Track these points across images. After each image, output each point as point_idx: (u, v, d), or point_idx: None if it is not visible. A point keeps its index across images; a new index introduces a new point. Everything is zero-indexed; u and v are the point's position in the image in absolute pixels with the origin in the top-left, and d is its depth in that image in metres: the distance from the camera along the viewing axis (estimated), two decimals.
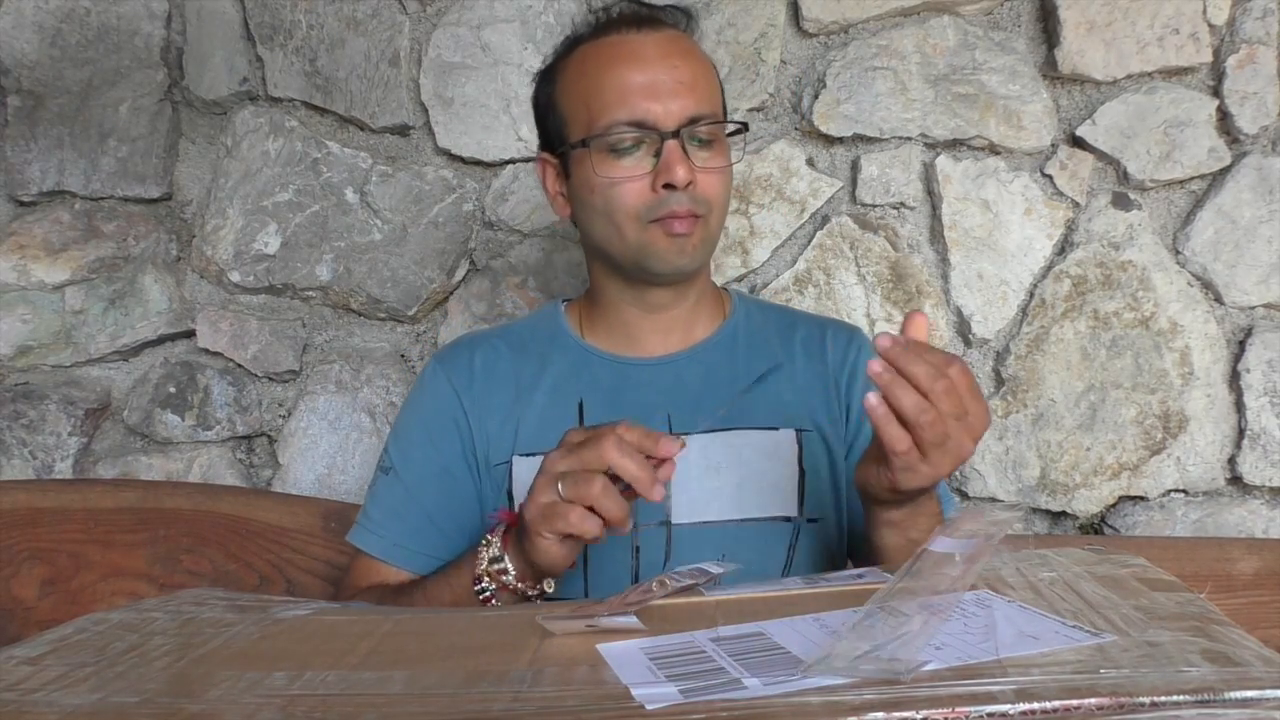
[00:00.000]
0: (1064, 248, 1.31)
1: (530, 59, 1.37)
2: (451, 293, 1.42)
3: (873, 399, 0.69)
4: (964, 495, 1.33)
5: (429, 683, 0.49)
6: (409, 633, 0.60)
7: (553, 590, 0.80)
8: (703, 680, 0.46)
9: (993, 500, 1.32)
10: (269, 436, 1.45)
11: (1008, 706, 0.40)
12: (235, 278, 1.43)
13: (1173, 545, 1.20)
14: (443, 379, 0.98)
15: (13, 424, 1.42)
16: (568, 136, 0.92)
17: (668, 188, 0.86)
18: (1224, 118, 1.28)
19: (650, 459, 0.72)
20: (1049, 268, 1.31)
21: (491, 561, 0.78)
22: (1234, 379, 1.28)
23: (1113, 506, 1.31)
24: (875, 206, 1.34)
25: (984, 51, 1.30)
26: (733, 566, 0.70)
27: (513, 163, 1.39)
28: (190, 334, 1.45)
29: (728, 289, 1.08)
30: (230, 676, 0.51)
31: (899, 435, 0.70)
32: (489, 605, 0.79)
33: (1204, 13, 1.26)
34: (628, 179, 0.88)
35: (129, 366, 1.47)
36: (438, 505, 0.95)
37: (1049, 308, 1.30)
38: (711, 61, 0.95)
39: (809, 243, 1.34)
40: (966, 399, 0.70)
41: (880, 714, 0.40)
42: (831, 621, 0.55)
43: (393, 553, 0.94)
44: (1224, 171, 1.28)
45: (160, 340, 1.46)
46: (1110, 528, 1.31)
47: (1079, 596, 0.56)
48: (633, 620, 0.56)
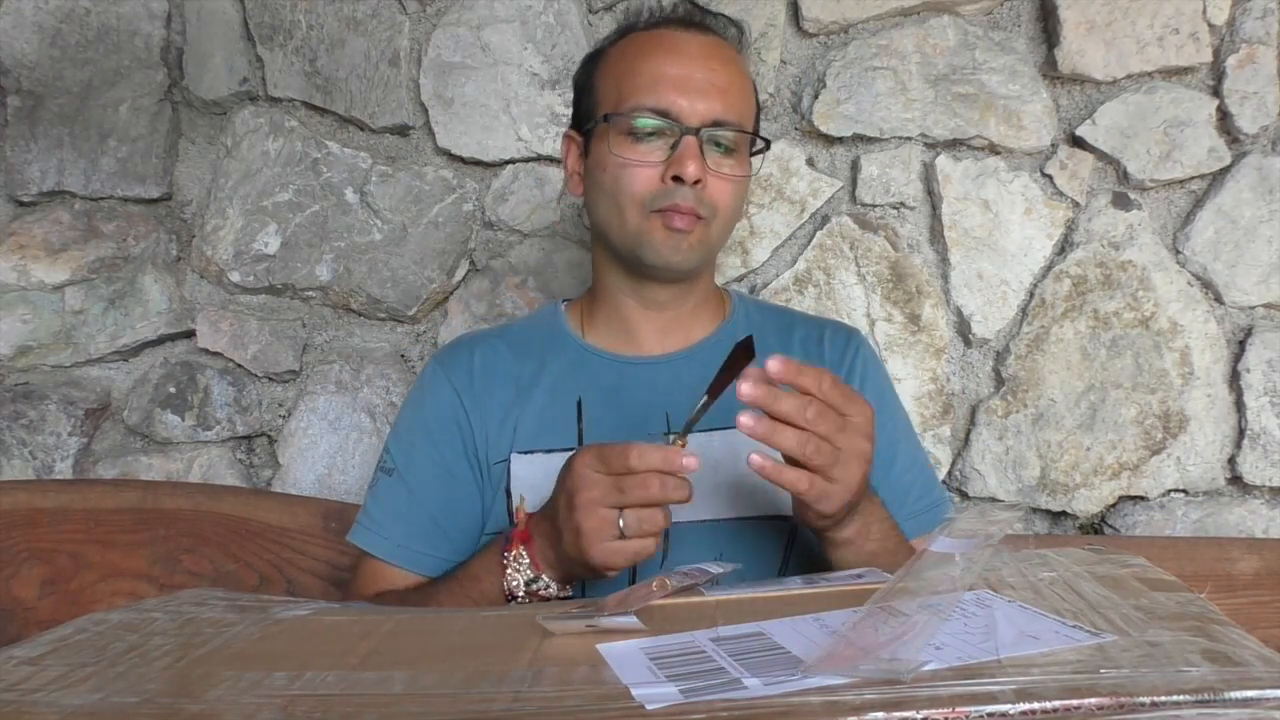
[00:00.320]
0: (1064, 247, 1.31)
1: (530, 59, 1.37)
2: (451, 293, 1.42)
3: (755, 459, 0.70)
4: (964, 495, 1.33)
5: (429, 683, 0.49)
6: (409, 633, 0.60)
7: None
8: (703, 680, 0.46)
9: (993, 500, 1.32)
10: (269, 436, 1.45)
11: (1008, 706, 0.40)
12: (235, 278, 1.43)
13: (1173, 545, 1.20)
14: (443, 379, 0.98)
15: (13, 424, 1.42)
16: (595, 114, 0.94)
17: (676, 180, 0.87)
18: (1224, 117, 1.28)
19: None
20: (1049, 267, 1.31)
21: (530, 583, 0.80)
22: (1234, 379, 1.28)
23: (1113, 506, 1.31)
24: (875, 206, 1.34)
25: (984, 51, 1.30)
26: (732, 566, 0.70)
27: (513, 163, 1.39)
28: (190, 334, 1.45)
29: (728, 290, 1.08)
30: (230, 676, 0.50)
31: (795, 478, 0.71)
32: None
33: (1204, 12, 1.26)
34: (640, 163, 0.89)
35: (129, 367, 1.47)
36: (441, 506, 0.95)
37: (1049, 307, 1.30)
38: (752, 80, 0.97)
39: (809, 243, 1.34)
40: (842, 406, 0.72)
41: (880, 714, 0.40)
42: (831, 621, 0.55)
43: (398, 554, 0.94)
44: (1224, 171, 1.28)
45: (160, 340, 1.46)
46: (1110, 528, 1.31)
47: (1079, 596, 0.56)
48: (633, 620, 0.56)
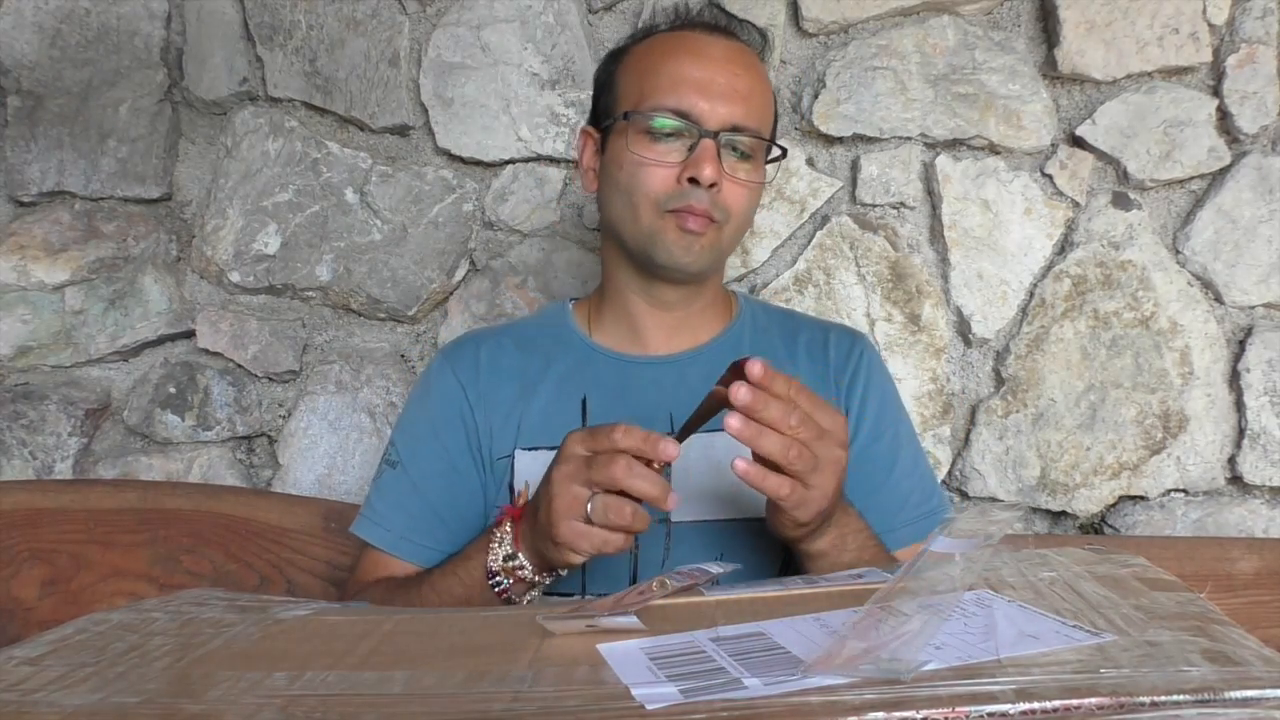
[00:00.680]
0: (1064, 247, 1.31)
1: (530, 59, 1.37)
2: (451, 293, 1.42)
3: (740, 464, 0.71)
4: (964, 495, 1.33)
5: (429, 683, 0.49)
6: (409, 633, 0.60)
7: (566, 574, 0.82)
8: (703, 680, 0.46)
9: (993, 500, 1.32)
10: (269, 437, 1.45)
11: (1008, 706, 0.40)
12: (235, 278, 1.43)
13: (1173, 545, 1.19)
14: (449, 373, 0.99)
15: (13, 424, 1.42)
16: (614, 111, 0.94)
17: (692, 182, 0.88)
18: (1224, 117, 1.28)
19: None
20: (1049, 267, 1.31)
21: (506, 559, 0.80)
22: (1234, 379, 1.28)
23: (1113, 506, 1.31)
24: (875, 206, 1.34)
25: (984, 51, 1.30)
26: (733, 566, 0.70)
27: (513, 163, 1.39)
28: (190, 334, 1.45)
29: (734, 291, 1.09)
30: (230, 677, 0.50)
31: (777, 484, 0.72)
32: (502, 597, 0.82)
33: (1204, 12, 1.26)
34: (657, 163, 0.89)
35: (129, 367, 1.47)
36: (444, 499, 0.96)
37: (1049, 307, 1.30)
38: (773, 89, 0.98)
39: (809, 242, 1.34)
40: (818, 415, 0.72)
41: (880, 714, 0.40)
42: (831, 621, 0.55)
43: (400, 546, 0.96)
44: (1224, 171, 1.28)
45: (160, 340, 1.46)
46: (1110, 527, 1.31)
47: (1079, 596, 0.56)
48: (633, 620, 0.56)
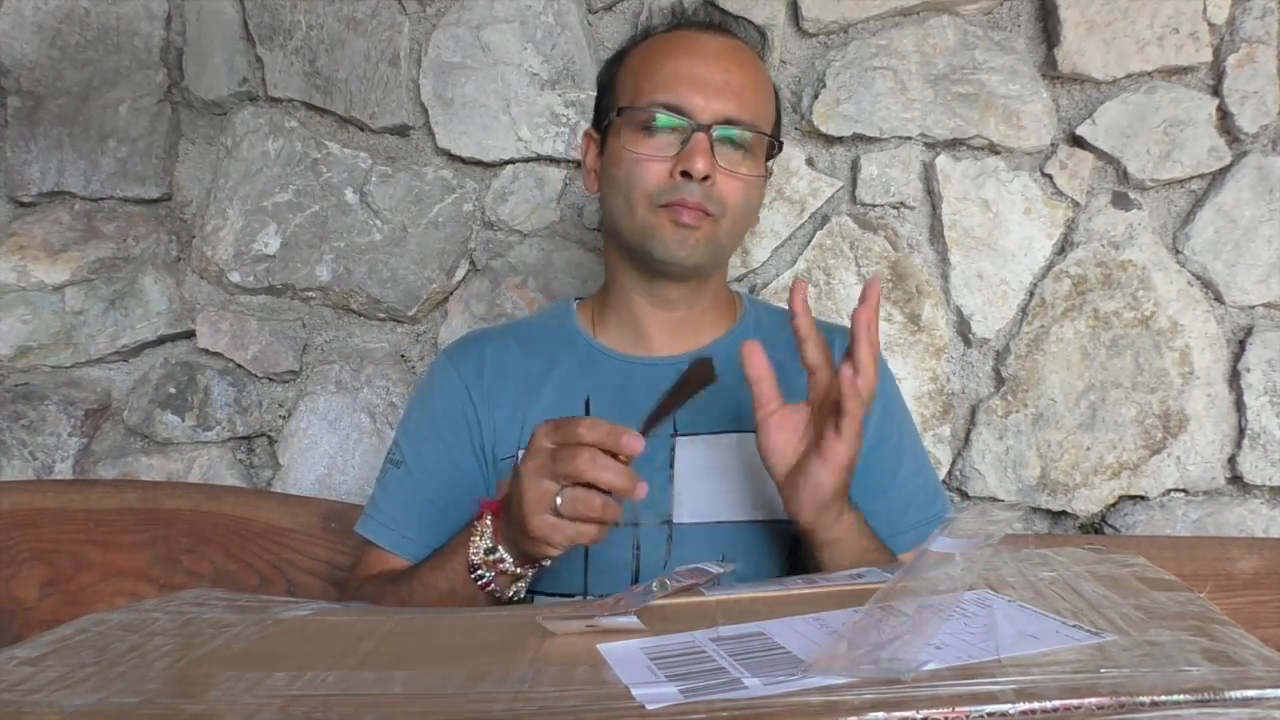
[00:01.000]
0: (1064, 247, 1.31)
1: (530, 59, 1.37)
2: (451, 293, 1.42)
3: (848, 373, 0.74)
4: (964, 495, 1.33)
5: (429, 683, 0.49)
6: (409, 633, 0.60)
7: (550, 564, 0.81)
8: (703, 680, 0.46)
9: (993, 500, 1.32)
10: (269, 437, 1.45)
11: (1008, 706, 0.40)
12: (235, 278, 1.43)
13: (1173, 545, 1.19)
14: (452, 373, 0.99)
15: (13, 425, 1.42)
16: (612, 110, 0.95)
17: (685, 176, 0.88)
18: (1224, 117, 1.28)
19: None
20: (1049, 267, 1.31)
21: (487, 553, 0.80)
22: (1234, 378, 1.28)
23: (1113, 506, 1.31)
24: (875, 206, 1.34)
25: (984, 51, 1.30)
26: (732, 566, 0.70)
27: (512, 163, 1.39)
28: (190, 334, 1.45)
29: (738, 293, 1.08)
30: (231, 677, 0.50)
31: (866, 386, 0.75)
32: (486, 590, 0.82)
33: (1204, 12, 1.26)
34: (651, 158, 0.89)
35: (129, 367, 1.47)
36: (447, 499, 0.96)
37: (1049, 307, 1.30)
38: (774, 85, 0.98)
39: (809, 242, 1.34)
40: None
41: (880, 714, 0.40)
42: (831, 621, 0.55)
43: (401, 545, 0.96)
44: (1224, 171, 1.28)
45: (160, 341, 1.46)
46: (1110, 527, 1.31)
47: (1079, 596, 0.56)
48: (633, 620, 0.56)
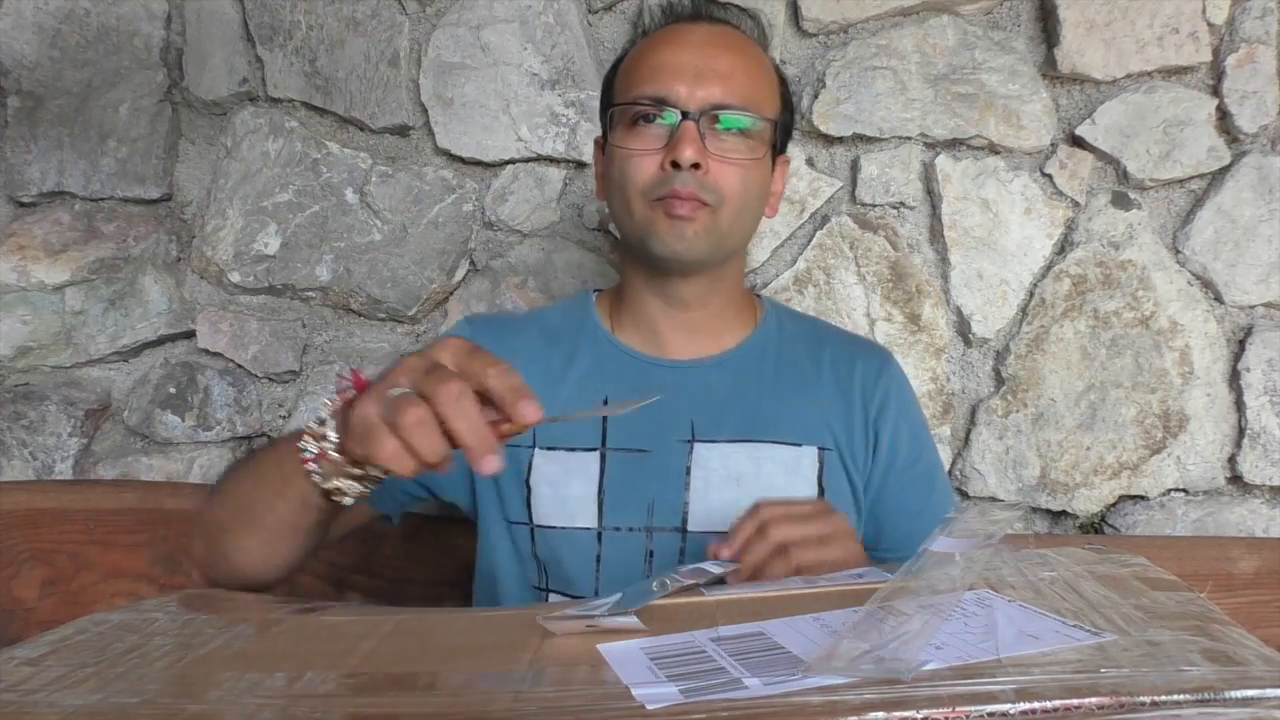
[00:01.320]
0: (1064, 247, 1.31)
1: (530, 59, 1.37)
2: (451, 293, 1.42)
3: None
4: (964, 495, 1.33)
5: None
6: (409, 633, 0.60)
7: (386, 476, 0.66)
8: (703, 680, 0.46)
9: (993, 500, 1.32)
10: (269, 437, 1.45)
11: (1008, 706, 0.40)
12: (235, 278, 1.43)
13: (1173, 544, 1.20)
14: (469, 336, 0.94)
15: (13, 425, 1.42)
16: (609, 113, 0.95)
17: (674, 166, 0.86)
18: (1224, 117, 1.28)
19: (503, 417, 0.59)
20: (1049, 267, 1.31)
21: (319, 422, 0.67)
22: (1234, 378, 1.28)
23: (1113, 506, 1.31)
24: (875, 206, 1.34)
25: (983, 51, 1.30)
26: (733, 566, 0.70)
27: (513, 163, 1.39)
28: (190, 334, 1.45)
29: (760, 296, 1.07)
30: (231, 677, 0.50)
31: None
32: (306, 466, 0.68)
33: (1203, 12, 1.26)
34: (641, 152, 0.88)
35: (129, 367, 1.47)
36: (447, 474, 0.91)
37: (1049, 307, 1.30)
38: (776, 69, 0.97)
39: (809, 242, 1.34)
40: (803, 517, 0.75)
41: (880, 714, 0.40)
42: (831, 621, 0.55)
43: (378, 495, 0.78)
44: (1224, 171, 1.28)
45: (160, 341, 1.46)
46: (1110, 527, 1.31)
47: (1079, 596, 0.56)
48: (633, 620, 0.56)
